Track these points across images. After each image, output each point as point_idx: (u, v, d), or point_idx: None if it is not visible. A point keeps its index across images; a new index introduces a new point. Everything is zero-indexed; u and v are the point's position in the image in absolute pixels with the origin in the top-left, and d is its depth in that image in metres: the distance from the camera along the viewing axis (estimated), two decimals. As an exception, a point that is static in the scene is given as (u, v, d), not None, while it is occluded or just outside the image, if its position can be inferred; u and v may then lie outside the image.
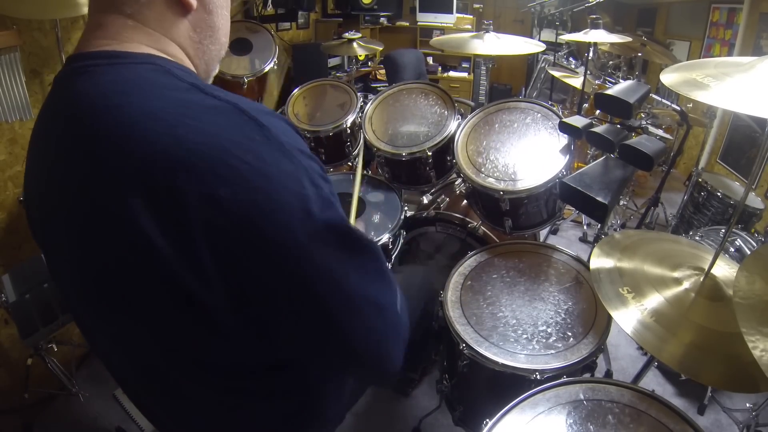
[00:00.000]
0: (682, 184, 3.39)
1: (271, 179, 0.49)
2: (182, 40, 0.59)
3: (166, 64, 0.54)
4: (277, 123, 0.53)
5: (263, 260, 0.50)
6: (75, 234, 0.55)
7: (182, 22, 0.58)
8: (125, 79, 0.52)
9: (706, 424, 1.70)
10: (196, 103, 0.50)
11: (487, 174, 1.43)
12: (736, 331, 0.75)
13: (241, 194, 0.47)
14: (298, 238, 0.50)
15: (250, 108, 0.51)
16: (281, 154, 0.51)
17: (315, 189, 0.52)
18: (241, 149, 0.48)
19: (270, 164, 0.49)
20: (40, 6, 1.42)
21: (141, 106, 0.49)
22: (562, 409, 0.87)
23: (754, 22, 3.00)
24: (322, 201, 0.52)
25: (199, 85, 0.52)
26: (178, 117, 0.49)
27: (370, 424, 1.69)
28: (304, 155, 0.53)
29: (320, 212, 0.52)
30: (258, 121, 0.50)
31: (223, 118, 0.50)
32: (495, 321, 1.20)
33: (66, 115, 0.53)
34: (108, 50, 0.53)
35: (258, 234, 0.49)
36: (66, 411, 1.74)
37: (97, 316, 0.62)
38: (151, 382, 0.67)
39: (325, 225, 0.52)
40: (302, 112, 2.05)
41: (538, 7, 3.70)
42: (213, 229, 0.48)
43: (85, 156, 0.50)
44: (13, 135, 1.62)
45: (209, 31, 0.62)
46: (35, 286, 1.49)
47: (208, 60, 0.64)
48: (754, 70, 0.83)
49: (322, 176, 0.55)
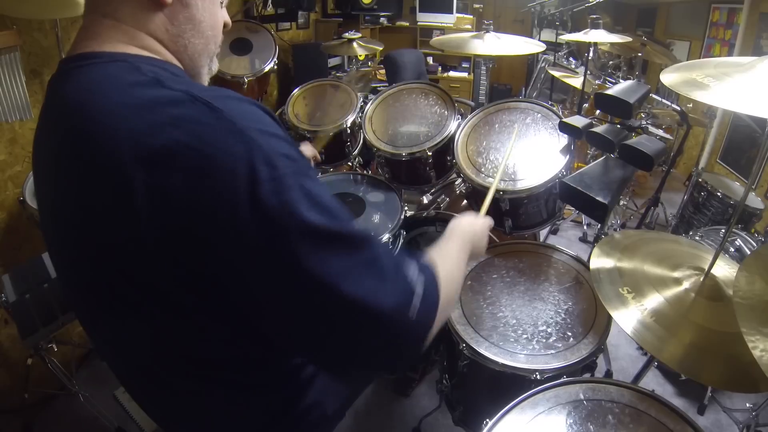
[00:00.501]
0: (682, 184, 3.39)
1: (215, 161, 0.47)
2: (160, 34, 0.60)
3: (137, 61, 0.55)
4: (237, 106, 0.51)
5: (216, 249, 0.48)
6: (67, 232, 0.58)
7: (157, 16, 0.59)
8: (96, 78, 0.54)
9: (706, 424, 1.70)
10: (152, 96, 0.51)
11: (487, 174, 1.43)
12: (736, 331, 0.75)
13: (189, 180, 0.47)
14: (246, 227, 0.47)
15: (203, 94, 0.50)
16: (230, 134, 0.48)
17: (270, 170, 0.48)
18: (187, 135, 0.48)
19: (215, 146, 0.47)
20: (40, 6, 1.42)
21: (103, 103, 0.51)
22: (562, 409, 0.87)
23: (754, 22, 3.00)
24: (276, 183, 0.48)
25: (160, 79, 0.53)
26: (133, 111, 0.49)
27: (370, 424, 1.69)
28: (265, 134, 0.50)
29: (274, 195, 0.47)
30: (210, 105, 0.49)
31: (175, 108, 0.50)
32: (495, 321, 1.20)
33: (55, 117, 0.57)
34: (87, 52, 0.56)
35: (206, 223, 0.47)
36: (66, 411, 1.74)
37: (91, 314, 0.63)
38: (144, 378, 0.68)
39: (281, 210, 0.48)
40: (302, 112, 2.05)
41: (538, 7, 3.70)
42: (165, 220, 0.48)
43: (70, 154, 0.53)
44: (13, 135, 1.62)
45: (189, 25, 0.62)
46: (35, 286, 1.49)
47: (193, 54, 0.64)
48: (754, 70, 0.83)
49: (287, 155, 0.50)
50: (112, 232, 0.51)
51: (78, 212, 0.54)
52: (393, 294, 0.53)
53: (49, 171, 0.60)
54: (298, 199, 0.49)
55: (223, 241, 0.48)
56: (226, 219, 0.47)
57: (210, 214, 0.47)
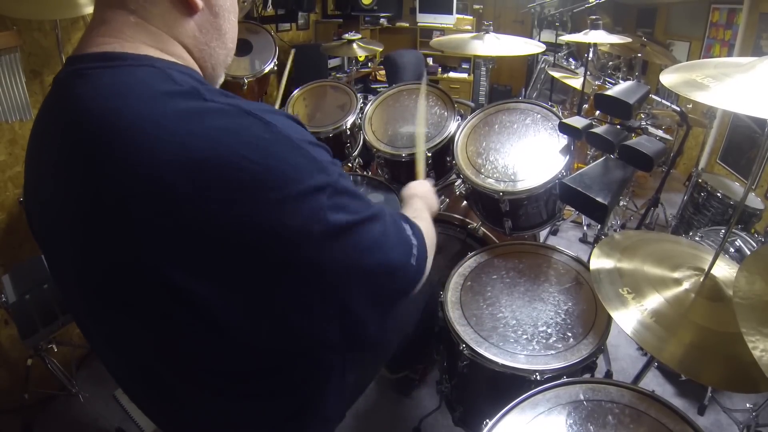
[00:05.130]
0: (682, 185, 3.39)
1: (285, 175, 0.49)
2: (187, 41, 0.58)
3: (167, 67, 0.53)
4: (281, 119, 0.53)
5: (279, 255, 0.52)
6: (78, 236, 0.54)
7: (188, 22, 0.57)
8: (123, 82, 0.50)
9: (706, 424, 1.70)
10: (197, 108, 0.49)
11: (487, 175, 1.43)
12: (736, 331, 0.75)
13: (256, 195, 0.48)
14: (315, 230, 0.52)
15: (253, 108, 0.51)
16: (291, 148, 0.51)
17: (326, 177, 0.54)
18: (249, 149, 0.48)
19: (282, 160, 0.50)
20: (40, 6, 1.42)
21: (139, 111, 0.48)
22: (562, 409, 0.87)
23: (754, 23, 3.00)
24: (331, 189, 0.54)
25: (200, 90, 0.51)
26: (180, 123, 0.48)
27: (370, 424, 1.69)
28: (313, 145, 0.55)
29: (331, 200, 0.53)
30: (264, 120, 0.50)
31: (228, 121, 0.49)
32: (495, 321, 1.20)
33: (66, 119, 0.52)
34: (108, 51, 0.52)
35: (277, 234, 0.50)
36: (66, 411, 1.74)
37: (95, 317, 0.62)
38: (145, 381, 0.67)
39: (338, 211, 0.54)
40: (302, 113, 2.05)
41: (538, 8, 3.71)
42: (224, 234, 0.48)
43: (85, 161, 0.50)
44: (13, 135, 1.62)
45: (216, 34, 0.61)
46: (35, 287, 1.49)
47: (215, 64, 0.64)
48: (754, 70, 0.83)
49: (332, 161, 0.57)
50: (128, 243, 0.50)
51: (88, 219, 0.52)
52: (400, 250, 0.67)
53: (50, 175, 0.56)
54: (345, 198, 0.56)
55: (294, 244, 0.51)
56: (299, 226, 0.50)
57: (281, 222, 0.49)
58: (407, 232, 0.70)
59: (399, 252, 0.66)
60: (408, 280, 0.69)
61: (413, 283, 0.71)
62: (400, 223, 0.71)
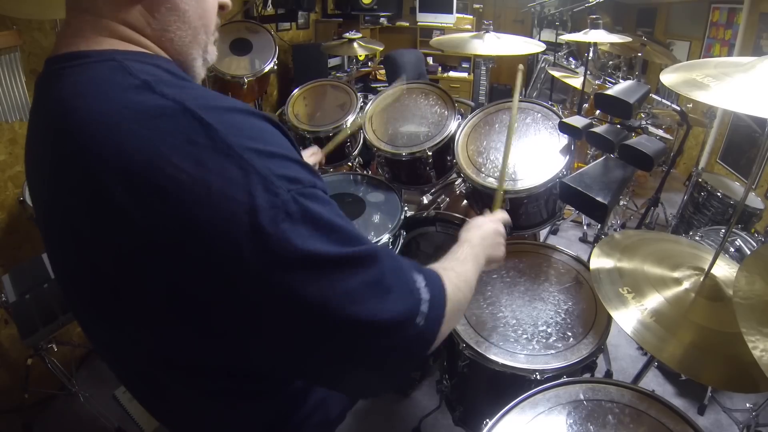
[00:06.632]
0: (682, 184, 3.40)
1: (211, 189, 0.44)
2: (142, 27, 0.56)
3: (125, 59, 0.52)
4: (231, 119, 0.48)
5: (209, 280, 0.46)
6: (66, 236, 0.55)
7: (134, 7, 0.55)
8: (84, 80, 0.50)
9: (706, 424, 1.70)
10: (140, 104, 0.47)
11: (488, 174, 1.43)
12: (736, 331, 0.75)
13: (181, 208, 0.44)
14: (246, 257, 0.44)
15: (197, 106, 0.47)
16: (226, 158, 0.45)
17: (269, 196, 0.45)
18: (180, 156, 0.44)
19: (212, 171, 0.44)
20: (40, 6, 1.42)
21: (90, 109, 0.48)
22: (562, 409, 0.87)
23: (754, 22, 3.00)
24: (276, 210, 0.45)
25: (151, 82, 0.49)
26: (119, 121, 0.46)
27: (370, 424, 1.69)
28: (263, 155, 0.47)
29: (273, 224, 0.45)
30: (203, 122, 0.46)
31: (166, 121, 0.46)
32: (495, 321, 1.20)
33: (43, 120, 0.54)
34: (73, 51, 0.53)
35: (201, 255, 0.45)
36: (66, 411, 1.74)
37: (90, 318, 0.63)
38: (143, 383, 0.67)
39: (281, 239, 0.45)
40: (302, 113, 2.05)
41: (538, 7, 3.71)
42: (153, 247, 0.45)
43: (61, 162, 0.50)
44: (13, 135, 1.62)
45: (173, 16, 0.57)
46: (35, 286, 1.49)
47: (181, 47, 0.60)
48: (754, 70, 0.83)
49: (288, 177, 0.48)
50: (99, 245, 0.49)
51: (68, 221, 0.52)
52: (399, 303, 0.54)
53: (40, 175, 0.57)
54: (300, 226, 0.46)
55: (222, 272, 0.45)
56: (226, 250, 0.44)
57: (207, 244, 0.44)
58: (417, 284, 0.57)
59: (395, 304, 0.53)
60: (409, 340, 0.55)
61: (418, 344, 0.57)
62: (408, 272, 0.58)
